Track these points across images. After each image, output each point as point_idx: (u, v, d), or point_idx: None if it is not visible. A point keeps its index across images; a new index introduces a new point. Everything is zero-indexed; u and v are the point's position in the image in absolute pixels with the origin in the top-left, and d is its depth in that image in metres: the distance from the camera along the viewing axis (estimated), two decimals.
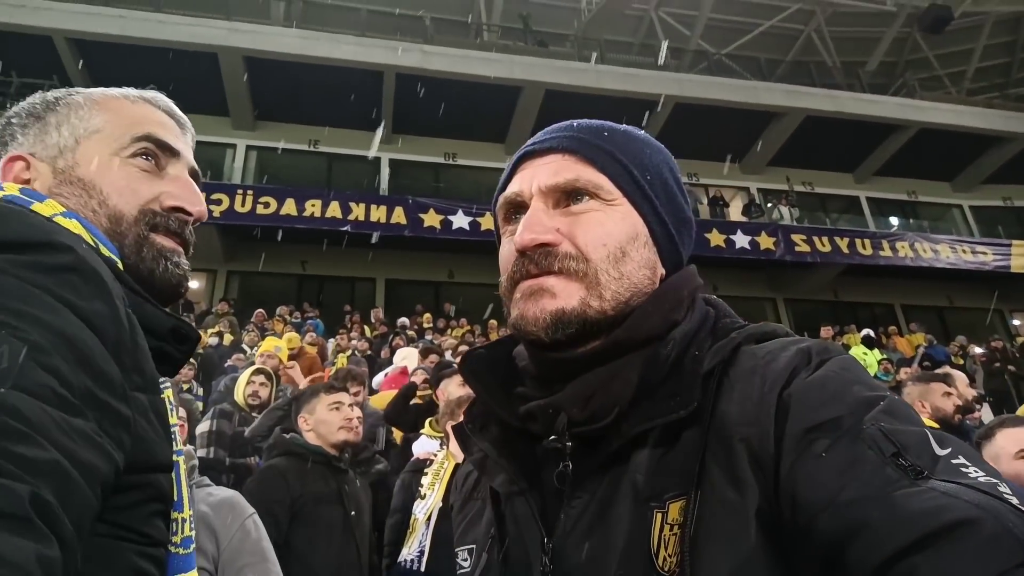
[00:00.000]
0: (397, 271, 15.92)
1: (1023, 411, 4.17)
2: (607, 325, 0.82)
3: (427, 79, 15.13)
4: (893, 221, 19.98)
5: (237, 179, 15.67)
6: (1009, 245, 17.78)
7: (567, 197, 0.86)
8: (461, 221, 14.49)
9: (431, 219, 14.45)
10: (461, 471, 1.07)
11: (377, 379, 7.85)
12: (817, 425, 0.65)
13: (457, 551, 0.96)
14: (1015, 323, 19.34)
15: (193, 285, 14.26)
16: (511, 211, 0.91)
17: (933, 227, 19.53)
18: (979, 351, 13.81)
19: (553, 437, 0.81)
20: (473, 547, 0.93)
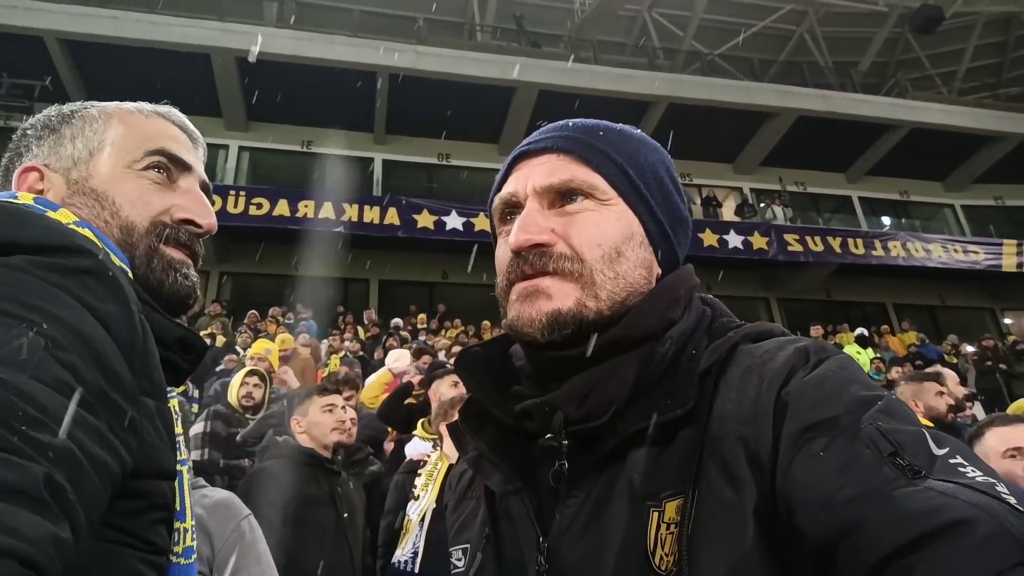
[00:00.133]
0: (390, 272, 15.89)
1: (1013, 409, 4.17)
2: (603, 325, 0.82)
3: (420, 80, 15.10)
4: (885, 221, 20.06)
5: (230, 180, 15.61)
6: (1000, 244, 17.87)
7: (562, 197, 0.86)
8: (455, 222, 14.47)
9: (424, 220, 14.42)
10: (455, 470, 1.07)
11: (370, 380, 7.81)
12: (815, 424, 0.65)
13: (451, 551, 0.95)
14: (1006, 322, 19.44)
15: None
16: (506, 212, 0.91)
17: (925, 226, 19.60)
18: (971, 350, 13.89)
19: (549, 435, 0.80)
20: (467, 547, 0.92)
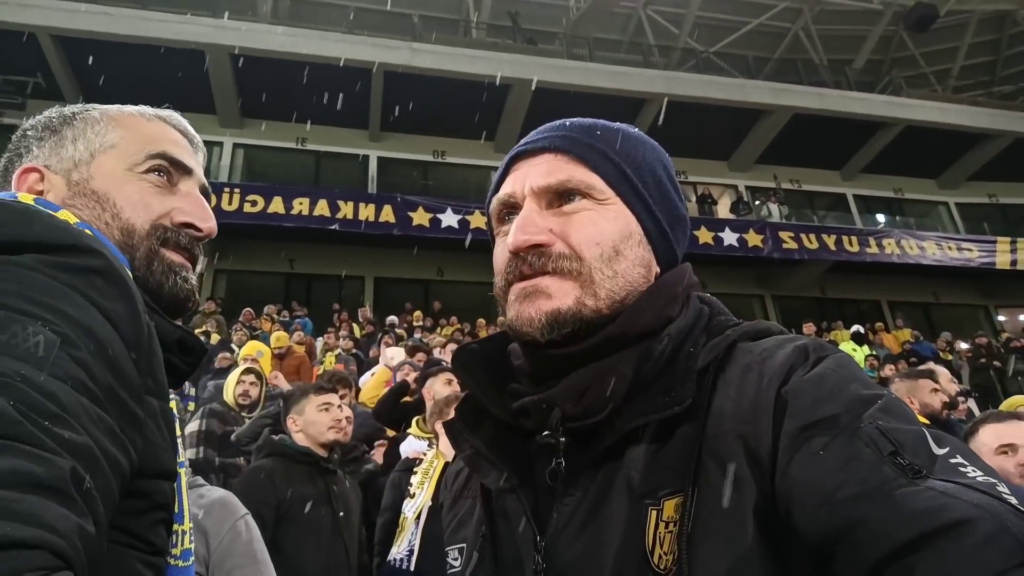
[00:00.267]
0: (386, 269, 15.86)
1: (1006, 405, 4.18)
2: (602, 323, 0.82)
3: (415, 76, 15.07)
4: (880, 218, 20.11)
5: (224, 177, 15.52)
6: (994, 242, 17.94)
7: (559, 197, 0.86)
8: (450, 219, 14.44)
9: (420, 217, 14.39)
10: (451, 469, 1.07)
11: (364, 379, 7.80)
12: (815, 423, 0.65)
13: (447, 550, 0.95)
14: (1000, 319, 19.53)
15: None
16: (504, 212, 0.91)
17: (919, 224, 19.65)
18: (965, 347, 13.95)
19: (546, 432, 0.80)
20: (464, 546, 0.92)
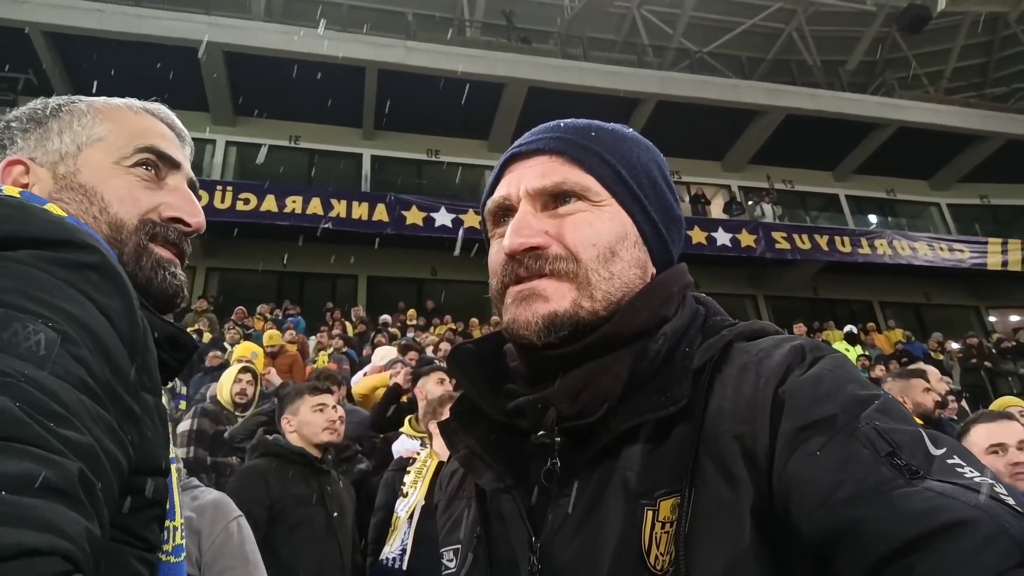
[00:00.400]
0: (379, 268, 15.83)
1: (996, 405, 4.21)
2: (599, 325, 0.81)
3: (409, 75, 15.05)
4: (872, 219, 20.19)
5: (217, 175, 15.47)
6: (985, 243, 18.02)
7: (555, 199, 0.86)
8: (444, 218, 14.41)
9: (413, 216, 14.36)
10: (446, 470, 1.06)
11: (356, 378, 7.77)
12: (812, 423, 0.65)
13: (442, 551, 0.94)
14: (991, 319, 19.63)
15: None
16: (499, 214, 0.91)
17: (911, 225, 19.73)
18: (956, 347, 14.01)
19: (542, 432, 0.80)
20: (459, 547, 0.91)
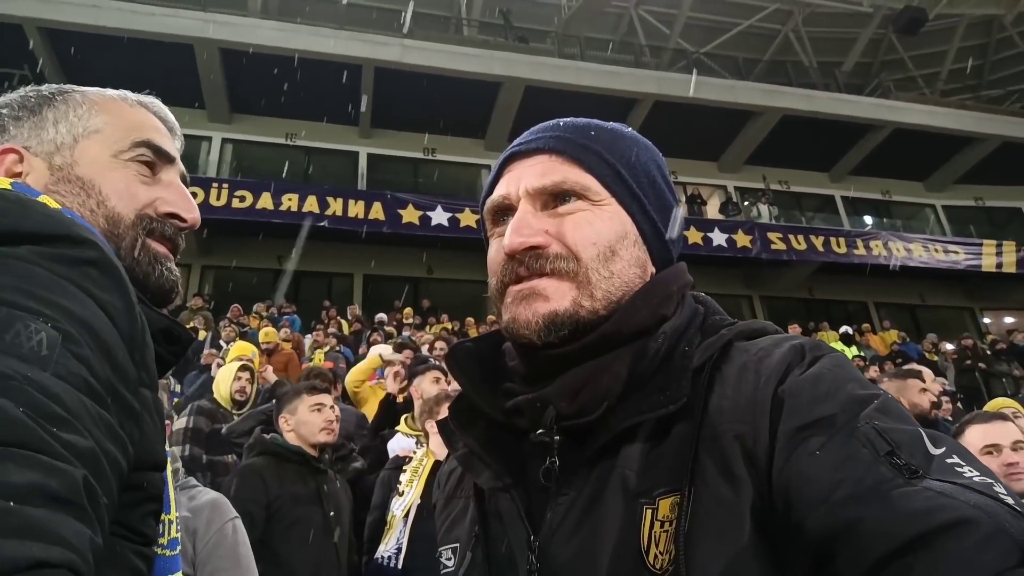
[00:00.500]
0: (375, 266, 15.81)
1: (991, 406, 4.22)
2: (599, 324, 0.81)
3: (406, 74, 15.02)
4: (867, 220, 20.20)
5: (212, 172, 15.42)
6: (980, 245, 18.07)
7: (554, 199, 0.86)
8: (440, 217, 14.39)
9: (410, 215, 14.34)
10: (444, 469, 1.06)
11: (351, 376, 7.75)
12: (812, 422, 0.65)
13: (441, 550, 0.94)
14: (985, 321, 19.69)
15: None
16: (499, 213, 0.90)
17: (906, 226, 19.77)
18: (950, 348, 14.05)
19: (540, 431, 0.80)
20: (457, 546, 0.91)
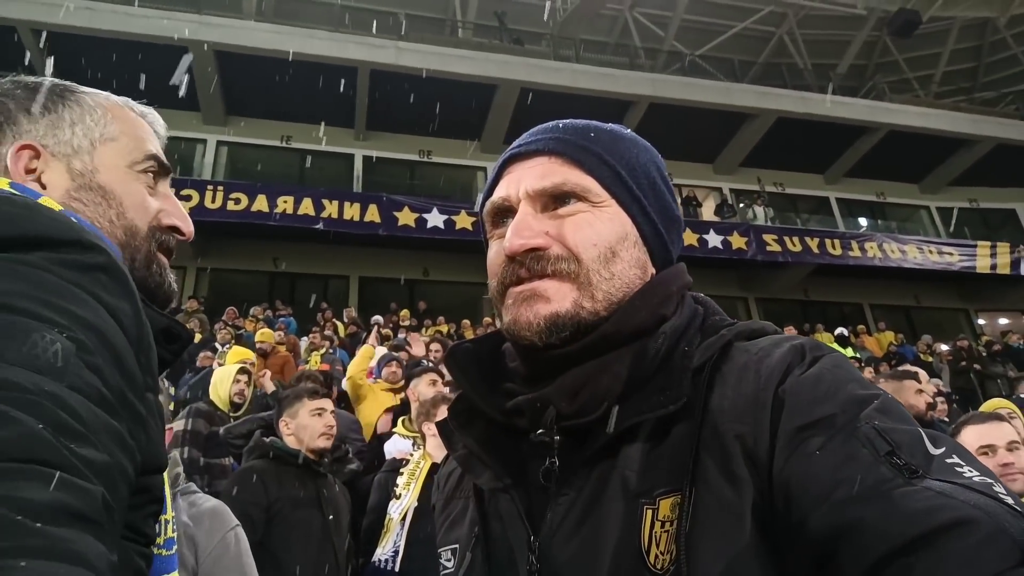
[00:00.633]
0: (371, 269, 15.79)
1: (986, 407, 4.23)
2: (599, 325, 0.81)
3: (402, 76, 15.01)
4: (862, 222, 20.27)
5: (207, 175, 15.40)
6: (975, 246, 18.10)
7: (555, 200, 0.86)
8: (436, 219, 14.37)
9: (405, 217, 14.31)
10: (443, 470, 1.06)
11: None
12: (812, 423, 0.65)
13: (440, 551, 0.94)
14: (980, 322, 19.75)
15: None
16: (499, 215, 0.90)
17: (901, 228, 19.84)
18: (945, 349, 14.07)
19: (540, 431, 0.80)
20: (456, 547, 0.91)
